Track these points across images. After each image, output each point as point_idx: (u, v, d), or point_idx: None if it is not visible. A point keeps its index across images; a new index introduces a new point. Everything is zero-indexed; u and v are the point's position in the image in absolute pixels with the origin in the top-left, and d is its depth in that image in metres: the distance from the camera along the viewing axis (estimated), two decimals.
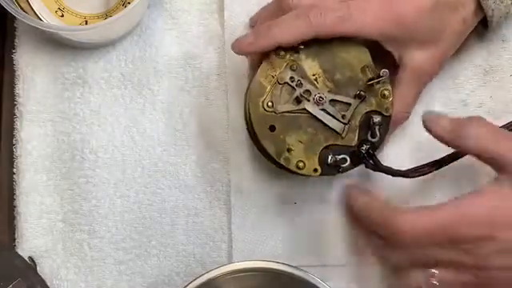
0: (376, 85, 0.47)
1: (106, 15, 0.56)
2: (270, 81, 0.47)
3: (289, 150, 0.47)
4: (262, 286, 0.48)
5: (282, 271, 0.46)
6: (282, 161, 0.47)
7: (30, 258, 0.53)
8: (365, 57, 0.48)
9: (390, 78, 0.48)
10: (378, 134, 0.47)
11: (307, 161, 0.47)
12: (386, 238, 0.46)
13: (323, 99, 0.47)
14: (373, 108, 0.48)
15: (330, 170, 0.47)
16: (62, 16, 0.56)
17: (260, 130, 0.47)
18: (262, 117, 0.47)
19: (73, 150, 0.55)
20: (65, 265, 0.53)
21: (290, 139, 0.47)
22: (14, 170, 0.55)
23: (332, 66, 0.48)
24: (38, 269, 0.53)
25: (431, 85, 0.55)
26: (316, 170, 0.47)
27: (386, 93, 0.48)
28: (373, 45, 0.49)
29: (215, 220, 0.54)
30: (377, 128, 0.47)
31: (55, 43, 0.56)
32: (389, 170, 0.48)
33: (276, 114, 0.47)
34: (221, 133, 0.55)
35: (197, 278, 0.46)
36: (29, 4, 0.56)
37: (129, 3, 0.53)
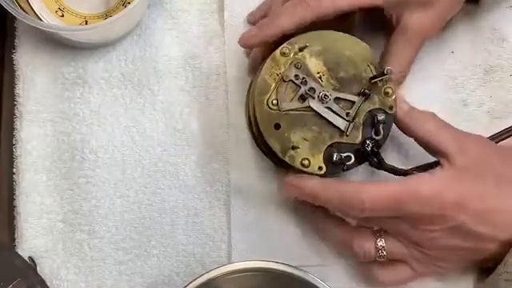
0: (379, 83, 0.47)
1: (106, 15, 0.56)
2: (275, 78, 0.47)
3: (294, 148, 0.47)
4: (262, 286, 0.48)
5: (282, 271, 0.46)
6: (286, 159, 0.47)
7: (29, 258, 0.53)
8: (368, 54, 0.48)
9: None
10: (382, 132, 0.47)
11: (312, 159, 0.47)
12: (342, 210, 0.48)
13: (328, 97, 0.47)
14: (376, 106, 0.48)
15: (335, 167, 0.47)
16: (62, 16, 0.56)
17: (265, 128, 0.47)
18: (267, 115, 0.47)
19: (73, 150, 0.55)
20: (65, 265, 0.53)
21: (294, 137, 0.47)
22: (14, 170, 0.55)
23: (336, 64, 0.48)
24: (38, 269, 0.53)
25: (431, 85, 0.55)
26: (321, 168, 0.47)
27: (389, 91, 0.47)
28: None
29: (215, 220, 0.54)
30: (381, 126, 0.47)
31: (55, 43, 0.56)
32: (392, 169, 0.48)
33: (281, 111, 0.47)
34: (221, 133, 0.55)
35: (197, 278, 0.46)
36: (29, 4, 0.56)
37: (129, 3, 0.53)
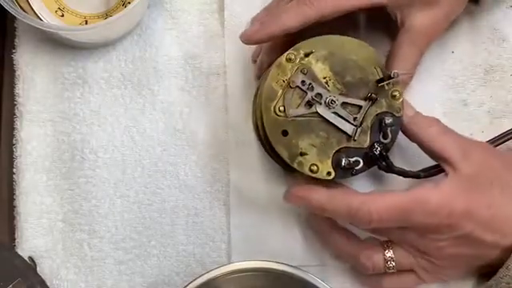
0: (386, 86, 0.47)
1: (106, 15, 0.56)
2: (281, 85, 0.47)
3: (302, 154, 0.47)
4: (262, 286, 0.48)
5: (282, 271, 0.46)
6: (295, 165, 0.47)
7: (29, 258, 0.53)
8: (374, 58, 0.48)
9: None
10: (390, 135, 0.47)
11: (320, 164, 0.47)
12: (349, 222, 0.48)
13: (335, 102, 0.47)
14: (384, 109, 0.47)
15: (344, 172, 0.47)
16: (62, 16, 0.56)
17: (272, 135, 0.47)
18: (274, 121, 0.47)
19: (73, 150, 0.55)
20: (65, 265, 0.53)
21: (302, 143, 0.47)
22: (14, 170, 0.55)
23: (342, 69, 0.47)
24: (38, 269, 0.53)
25: (431, 85, 0.55)
26: (329, 174, 0.47)
27: (397, 94, 0.47)
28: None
29: (215, 220, 0.54)
30: (388, 129, 0.47)
31: (55, 43, 0.56)
32: (401, 172, 0.48)
33: (288, 118, 0.47)
34: (221, 133, 0.55)
35: (197, 278, 0.46)
36: (29, 4, 0.56)
37: (129, 3, 0.53)
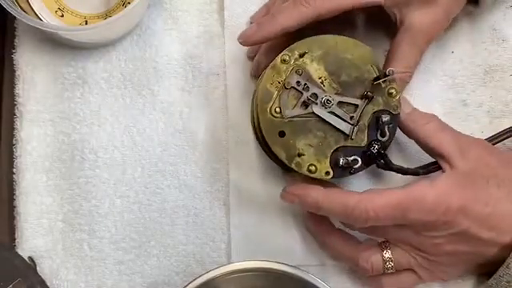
0: (382, 84, 0.47)
1: (106, 15, 0.56)
2: (277, 86, 0.47)
3: (299, 155, 0.47)
4: (261, 286, 0.48)
5: (283, 271, 0.46)
6: (293, 166, 0.47)
7: (29, 258, 0.53)
8: (369, 56, 0.48)
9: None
10: (388, 133, 0.47)
11: (319, 164, 0.47)
12: (345, 220, 0.48)
13: (331, 102, 0.47)
14: (380, 107, 0.47)
15: (342, 172, 0.47)
16: (62, 16, 0.56)
17: (269, 136, 0.47)
18: (271, 123, 0.47)
19: (73, 150, 0.55)
20: (65, 265, 0.53)
21: (299, 144, 0.47)
22: (14, 170, 0.55)
23: (337, 68, 0.47)
24: (38, 269, 0.53)
25: (431, 85, 0.55)
26: (328, 173, 0.47)
27: (393, 91, 0.47)
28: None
29: (215, 220, 0.54)
30: (386, 127, 0.47)
31: (55, 43, 0.56)
32: (400, 169, 0.48)
33: (284, 119, 0.47)
34: (221, 133, 0.55)
35: (197, 278, 0.46)
36: (29, 4, 0.56)
37: (129, 3, 0.53)
